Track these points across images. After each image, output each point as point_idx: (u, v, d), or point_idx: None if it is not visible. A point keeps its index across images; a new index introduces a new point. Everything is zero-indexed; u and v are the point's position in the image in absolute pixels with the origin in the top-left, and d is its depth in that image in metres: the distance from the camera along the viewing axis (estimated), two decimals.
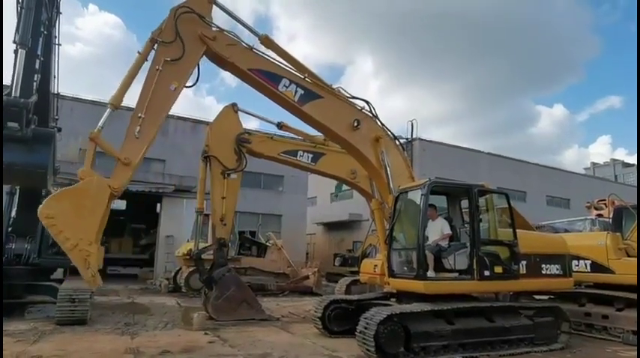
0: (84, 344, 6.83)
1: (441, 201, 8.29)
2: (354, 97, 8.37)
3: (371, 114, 8.31)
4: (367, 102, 8.34)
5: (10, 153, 6.18)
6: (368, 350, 6.26)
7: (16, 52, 6.53)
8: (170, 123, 24.67)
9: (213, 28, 7.21)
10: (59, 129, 8.87)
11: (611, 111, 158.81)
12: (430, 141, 30.30)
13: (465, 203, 8.04)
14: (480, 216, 7.45)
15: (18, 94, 6.39)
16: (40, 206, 5.48)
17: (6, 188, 10.28)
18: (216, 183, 10.24)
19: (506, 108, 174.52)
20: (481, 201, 7.59)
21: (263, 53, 7.73)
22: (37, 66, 7.32)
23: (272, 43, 7.89)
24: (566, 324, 7.85)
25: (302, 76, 7.86)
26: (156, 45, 6.68)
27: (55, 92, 9.28)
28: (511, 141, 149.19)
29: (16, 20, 6.72)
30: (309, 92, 7.77)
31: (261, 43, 7.86)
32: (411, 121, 29.88)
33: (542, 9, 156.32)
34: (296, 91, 7.66)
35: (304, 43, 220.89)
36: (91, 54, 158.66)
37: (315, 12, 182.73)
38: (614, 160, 69.94)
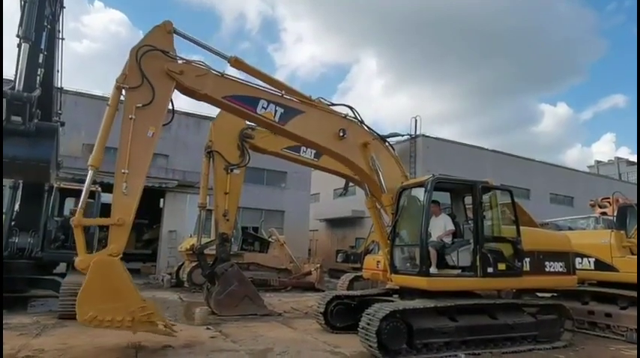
0: (86, 338, 6.84)
1: (444, 197, 8.26)
2: (334, 104, 8.15)
3: (356, 120, 8.05)
4: (351, 108, 8.09)
5: (13, 147, 6.17)
6: (370, 346, 6.24)
7: (19, 46, 6.52)
8: (174, 119, 24.60)
9: (179, 61, 6.73)
10: (62, 124, 8.87)
11: (615, 110, 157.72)
12: (434, 138, 30.22)
13: (468, 199, 8.02)
14: (484, 213, 7.42)
15: (21, 88, 6.36)
16: (78, 317, 5.46)
17: (9, 182, 10.30)
18: (219, 178, 10.24)
19: (509, 107, 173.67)
20: (485, 197, 7.55)
21: (235, 77, 7.31)
22: (40, 60, 7.31)
23: (242, 64, 7.55)
24: (570, 322, 7.82)
25: (279, 94, 7.50)
26: (123, 91, 6.22)
27: (59, 86, 9.27)
28: (514, 140, 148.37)
29: (19, 14, 6.70)
30: (288, 109, 7.42)
31: (230, 66, 7.50)
32: (415, 118, 29.85)
33: (547, 11, 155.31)
34: (275, 111, 7.30)
35: (311, 44, 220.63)
36: (98, 50, 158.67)
37: (320, 14, 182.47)
38: (618, 158, 69.43)
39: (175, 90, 6.77)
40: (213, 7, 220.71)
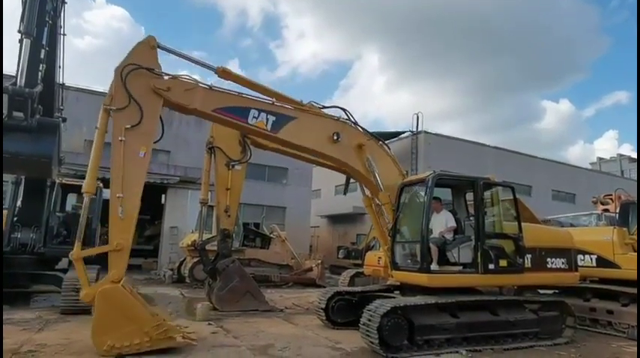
0: (88, 333, 6.78)
1: (445, 194, 8.24)
2: (327, 107, 8.12)
3: (350, 122, 7.98)
4: (344, 110, 8.03)
5: (15, 142, 6.19)
6: (371, 342, 6.25)
7: (21, 41, 6.51)
8: (175, 115, 24.58)
9: (165, 77, 6.56)
10: (64, 120, 8.87)
11: (618, 107, 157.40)
12: (436, 135, 30.14)
13: (470, 196, 8.00)
14: (485, 209, 7.40)
15: (23, 84, 6.37)
16: (97, 350, 5.52)
17: (12, 177, 10.32)
18: (220, 174, 10.24)
19: (511, 104, 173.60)
20: (486, 194, 7.53)
21: (224, 89, 7.18)
22: (42, 56, 7.30)
23: (229, 74, 7.51)
24: (571, 319, 7.81)
25: (270, 102, 7.40)
26: (111, 113, 6.10)
27: (60, 82, 9.26)
28: (516, 137, 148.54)
29: (20, 10, 6.69)
30: (280, 117, 7.27)
31: (218, 76, 7.47)
32: (417, 114, 29.76)
33: (549, 8, 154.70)
34: (267, 120, 7.15)
35: (312, 41, 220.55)
36: (100, 46, 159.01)
37: (322, 10, 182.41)
38: (620, 155, 69.20)
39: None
40: (215, 3, 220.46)
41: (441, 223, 7.54)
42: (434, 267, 6.95)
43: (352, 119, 8.01)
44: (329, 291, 8.58)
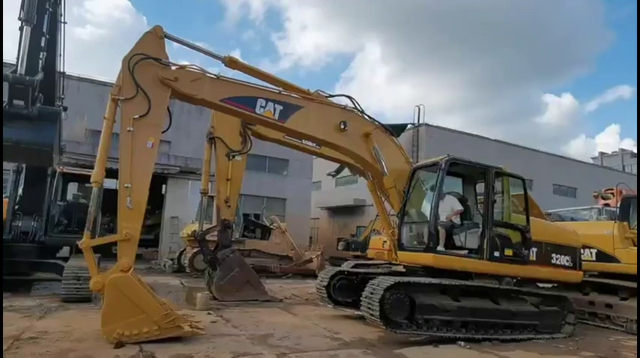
0: (89, 321, 6.88)
1: (456, 184, 8.31)
2: (333, 96, 8.14)
3: (356, 110, 7.97)
4: (350, 98, 8.02)
5: (16, 131, 6.18)
6: (372, 315, 6.31)
7: (21, 29, 6.48)
8: (176, 105, 24.53)
9: (173, 67, 6.49)
10: (65, 109, 8.85)
11: (621, 101, 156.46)
12: (437, 127, 30.10)
13: (479, 188, 8.04)
14: (495, 198, 7.42)
15: (24, 72, 6.34)
16: (105, 338, 5.50)
17: (13, 166, 10.34)
18: (221, 164, 10.23)
19: (514, 98, 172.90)
20: (497, 183, 7.54)
21: (231, 79, 7.14)
22: (42, 44, 7.27)
23: (237, 64, 7.53)
24: (572, 316, 7.81)
25: (277, 91, 7.40)
26: (119, 103, 6.06)
27: (61, 71, 9.23)
28: (518, 131, 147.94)
29: None
30: (287, 106, 7.24)
31: (225, 66, 7.46)
32: (418, 106, 29.73)
33: (553, 1, 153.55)
34: (275, 109, 7.11)
35: (315, 33, 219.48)
36: (102, 37, 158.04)
37: (325, 2, 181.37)
38: (622, 150, 68.91)
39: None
40: None
41: (446, 209, 7.58)
42: (440, 248, 7.02)
43: (359, 108, 8.00)
44: (331, 270, 8.69)
